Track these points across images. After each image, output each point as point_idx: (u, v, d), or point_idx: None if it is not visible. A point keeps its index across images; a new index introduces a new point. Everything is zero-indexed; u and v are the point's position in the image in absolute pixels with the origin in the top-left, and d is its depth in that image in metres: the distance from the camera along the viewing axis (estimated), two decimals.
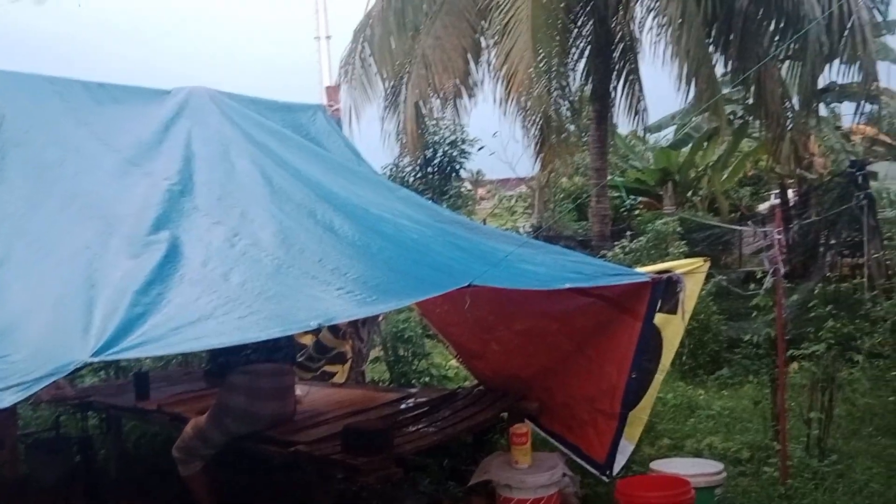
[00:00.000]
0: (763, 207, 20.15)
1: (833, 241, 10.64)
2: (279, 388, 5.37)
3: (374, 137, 13.49)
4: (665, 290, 5.67)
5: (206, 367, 5.60)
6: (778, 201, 16.77)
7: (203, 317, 3.45)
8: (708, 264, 6.04)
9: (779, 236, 5.82)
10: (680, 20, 10.49)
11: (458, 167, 18.30)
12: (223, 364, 5.20)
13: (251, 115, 5.80)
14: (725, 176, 18.40)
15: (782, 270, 5.89)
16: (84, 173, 4.56)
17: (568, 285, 5.14)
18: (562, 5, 11.70)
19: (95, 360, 2.98)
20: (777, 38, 11.34)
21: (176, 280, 3.69)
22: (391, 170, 17.25)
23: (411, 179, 17.65)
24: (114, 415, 6.75)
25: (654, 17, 11.60)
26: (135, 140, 4.91)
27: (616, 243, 11.63)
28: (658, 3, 11.05)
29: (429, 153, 17.26)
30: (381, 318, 8.27)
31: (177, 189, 4.49)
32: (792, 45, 10.84)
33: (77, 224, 4.12)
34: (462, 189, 20.11)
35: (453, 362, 8.71)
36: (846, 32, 10.39)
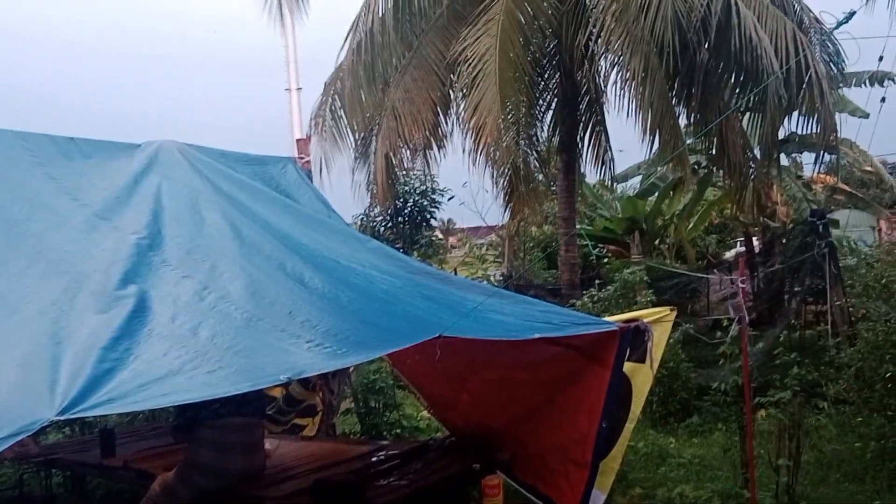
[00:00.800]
0: (729, 255, 20.49)
1: (797, 289, 10.83)
2: (248, 442, 5.31)
3: (345, 188, 13.55)
4: (633, 339, 5.74)
5: (174, 421, 5.53)
6: (743, 249, 17.05)
7: (171, 372, 3.43)
8: (674, 313, 6.13)
9: (743, 285, 5.93)
10: (643, 74, 10.75)
11: (428, 217, 18.42)
12: (191, 418, 5.15)
13: (221, 168, 5.83)
14: (691, 224, 18.70)
15: (747, 318, 5.98)
16: (52, 229, 4.55)
17: (537, 335, 5.19)
18: (528, 59, 11.95)
19: (62, 418, 2.95)
20: (737, 90, 11.64)
21: (144, 335, 3.67)
22: (362, 220, 17.31)
23: (382, 229, 17.72)
24: (79, 472, 6.62)
25: (619, 72, 11.88)
26: (104, 194, 4.92)
27: (585, 292, 11.72)
28: (621, 58, 11.32)
29: (399, 203, 17.36)
30: (351, 370, 8.23)
31: (145, 243, 4.49)
32: (752, 98, 11.14)
33: (44, 281, 4.10)
34: (433, 238, 20.23)
35: (425, 413, 8.67)
36: (804, 85, 10.70)
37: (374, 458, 5.90)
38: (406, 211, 17.83)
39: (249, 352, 3.82)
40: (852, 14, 8.51)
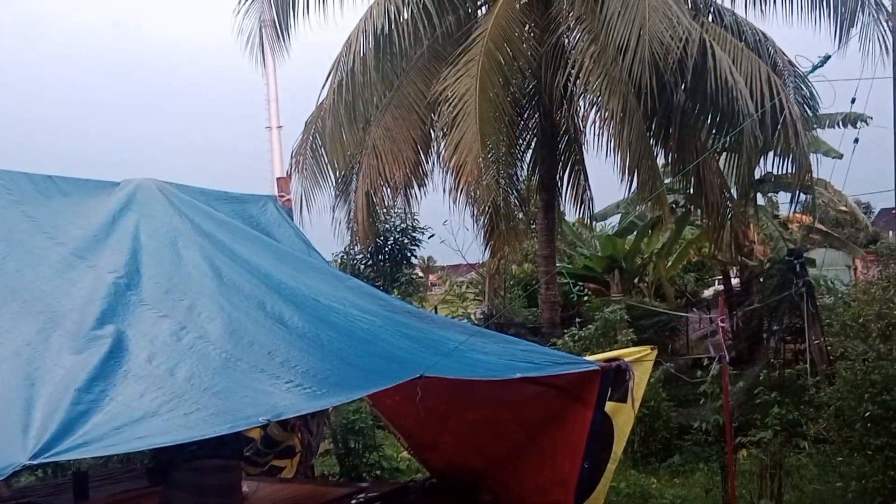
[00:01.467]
0: (708, 293, 20.58)
1: (776, 328, 10.90)
2: (225, 484, 5.20)
3: (326, 226, 13.54)
4: (614, 379, 5.74)
5: (149, 464, 5.41)
6: (721, 287, 17.15)
7: (148, 414, 3.38)
8: (655, 352, 6.14)
9: (723, 324, 5.95)
10: (621, 114, 10.89)
11: (408, 255, 18.42)
12: (167, 461, 5.04)
13: (201, 206, 5.79)
14: (670, 263, 18.81)
15: (727, 357, 6.00)
16: (27, 268, 4.48)
17: (519, 375, 5.16)
18: (508, 99, 12.08)
19: (35, 462, 2.88)
20: (714, 131, 11.83)
21: (120, 376, 3.61)
22: (342, 258, 17.28)
23: (362, 267, 17.70)
24: None
25: (597, 112, 12.03)
26: (81, 233, 4.86)
27: (566, 331, 11.72)
28: (600, 98, 11.47)
29: (380, 241, 17.37)
30: (331, 410, 8.14)
31: (123, 282, 4.44)
32: (728, 139, 11.31)
33: (18, 320, 4.03)
34: (413, 276, 20.21)
35: (405, 454, 8.58)
36: (779, 126, 10.89)
37: (353, 501, 5.81)
38: (386, 249, 17.84)
39: (227, 393, 3.77)
40: (827, 58, 8.72)
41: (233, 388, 3.84)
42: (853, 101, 13.84)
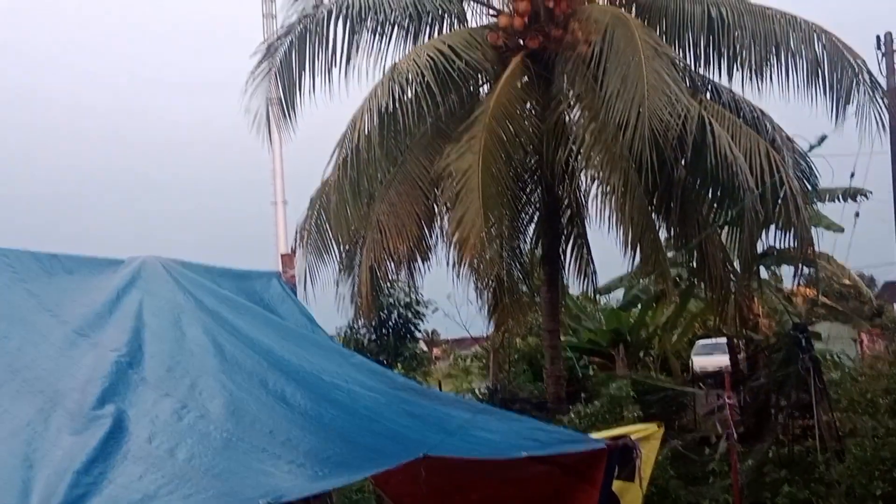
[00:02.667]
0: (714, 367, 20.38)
1: (783, 403, 10.77)
2: None
3: (330, 301, 13.54)
4: (621, 457, 5.65)
5: None
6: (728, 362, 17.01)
7: (147, 497, 3.33)
8: (662, 429, 6.06)
9: (730, 401, 5.89)
10: (623, 189, 11.00)
11: (412, 329, 18.39)
12: None
13: (204, 282, 5.80)
14: (675, 337, 18.72)
15: (735, 434, 5.91)
16: (29, 346, 4.48)
17: (525, 454, 5.10)
18: (511, 174, 12.21)
19: None
20: (715, 205, 11.93)
21: (119, 458, 3.57)
22: (346, 332, 17.23)
23: (366, 342, 17.63)
24: None
25: (599, 186, 12.15)
26: (84, 310, 4.87)
27: (571, 407, 11.59)
28: (601, 174, 11.61)
29: (383, 315, 17.35)
30: (332, 490, 7.98)
31: (125, 361, 4.42)
32: (729, 213, 11.39)
33: (18, 400, 4.01)
34: (417, 350, 20.12)
35: None
36: (779, 201, 10.97)
37: None
38: (390, 323, 17.82)
39: (228, 474, 3.72)
40: (824, 138, 8.87)
41: (233, 469, 3.79)
42: (852, 175, 14.00)
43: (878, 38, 20.38)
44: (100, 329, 4.72)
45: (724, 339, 17.46)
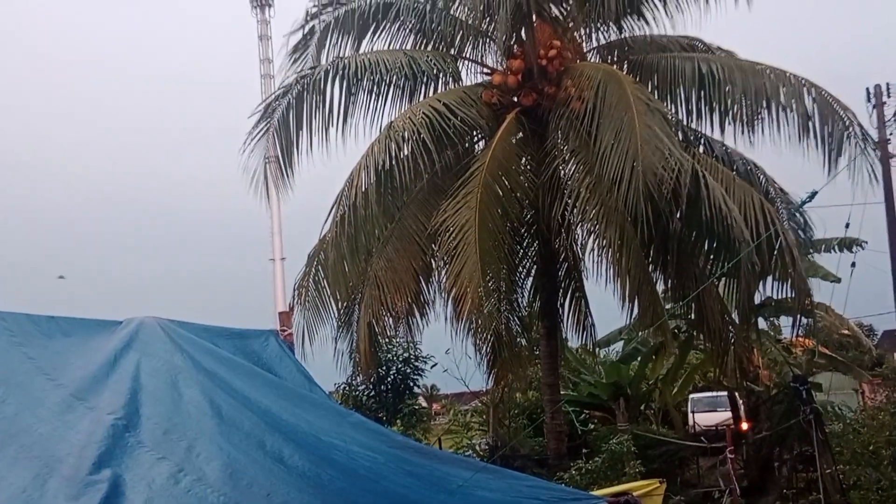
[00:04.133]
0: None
1: (786, 456, 10.67)
2: None
3: (328, 357, 13.48)
4: None
5: None
6: (729, 414, 16.88)
7: None
8: (664, 486, 6.00)
9: (731, 456, 5.84)
10: (619, 242, 11.06)
11: (411, 384, 18.27)
12: None
13: (202, 342, 5.80)
14: (676, 389, 18.60)
15: (738, 489, 5.86)
16: (26, 411, 4.46)
17: None
18: (507, 229, 12.29)
19: None
20: (711, 257, 11.98)
21: None
22: (344, 389, 17.12)
23: (365, 398, 17.50)
24: None
25: (595, 240, 12.21)
26: (81, 374, 4.86)
27: (573, 463, 11.46)
28: (597, 227, 11.68)
29: (382, 371, 17.25)
30: None
31: (121, 424, 4.40)
32: (726, 264, 11.42)
33: (14, 466, 3.98)
34: (416, 406, 19.95)
35: None
36: (775, 252, 11.03)
37: None
38: (389, 379, 17.71)
39: None
40: (814, 194, 9.00)
41: None
42: (847, 225, 14.05)
43: (867, 90, 20.83)
44: (97, 392, 4.71)
45: (724, 393, 17.36)
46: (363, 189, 11.98)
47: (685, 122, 12.72)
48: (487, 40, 13.36)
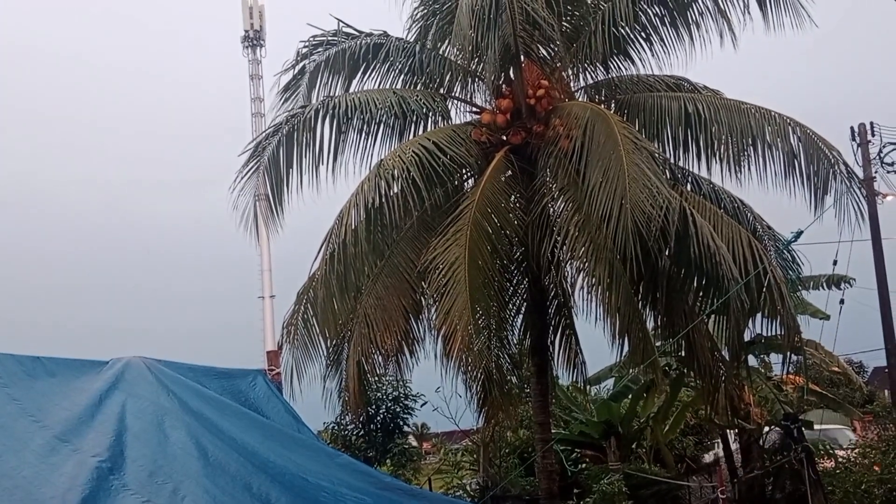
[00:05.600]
0: (708, 457, 20.12)
1: (778, 495, 10.60)
2: None
3: (317, 396, 13.36)
4: None
5: None
6: (721, 451, 16.80)
7: None
8: None
9: (723, 496, 5.80)
10: (608, 280, 11.06)
11: (401, 423, 18.13)
12: None
13: (189, 383, 5.77)
14: (667, 427, 18.49)
15: None
16: (10, 453, 4.40)
17: None
18: (497, 266, 12.29)
19: None
20: (700, 294, 11.99)
21: None
22: (333, 428, 16.96)
23: (354, 438, 17.34)
24: None
25: (584, 278, 12.21)
26: (66, 414, 4.82)
27: None
28: (586, 265, 11.69)
29: (371, 410, 17.11)
30: None
31: (106, 466, 4.35)
32: (716, 302, 11.45)
33: None
34: (406, 445, 19.78)
35: None
36: (764, 290, 11.05)
37: None
38: (378, 418, 17.57)
39: None
40: (800, 233, 9.10)
41: None
42: (835, 263, 14.19)
43: (852, 129, 21.12)
44: (81, 434, 4.66)
45: None
46: (353, 227, 11.98)
47: (672, 161, 12.82)
48: (476, 80, 13.49)
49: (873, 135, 20.95)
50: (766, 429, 13.38)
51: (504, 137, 12.74)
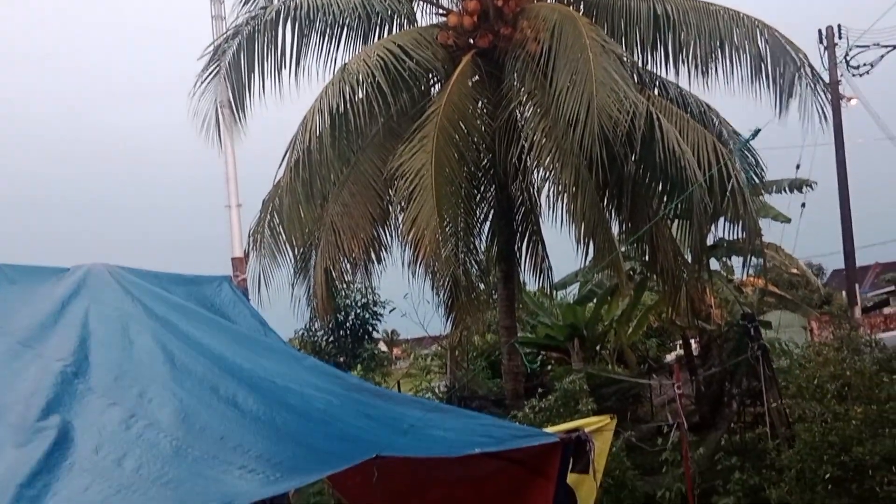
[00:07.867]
0: (669, 358, 20.71)
1: (735, 391, 10.99)
2: None
3: (285, 303, 13.44)
4: (575, 450, 5.71)
5: None
6: (682, 352, 17.29)
7: None
8: (615, 421, 6.14)
9: (680, 391, 5.99)
10: (574, 186, 11.12)
11: (370, 329, 18.37)
12: None
13: (153, 289, 5.72)
14: (631, 329, 18.90)
15: (685, 424, 6.02)
16: None
17: (478, 450, 5.12)
18: (464, 173, 12.26)
19: None
20: (665, 199, 12.10)
21: (65, 469, 3.52)
22: (303, 335, 17.14)
23: (324, 343, 17.56)
24: None
25: (551, 184, 12.26)
26: (28, 321, 4.77)
27: (527, 402, 11.68)
28: (553, 171, 11.71)
29: (340, 317, 17.29)
30: (291, 493, 7.95)
31: (70, 370, 4.35)
32: (679, 206, 11.57)
33: None
34: (375, 351, 20.10)
35: None
36: (727, 193, 11.17)
37: None
38: (347, 324, 17.77)
39: (177, 483, 3.68)
40: (758, 131, 9.16)
41: (183, 477, 3.75)
42: (798, 167, 14.32)
43: (819, 32, 20.97)
44: (44, 339, 4.64)
45: None
46: (317, 133, 11.82)
47: (640, 64, 12.72)
48: None
49: (840, 37, 20.85)
50: (725, 329, 13.76)
51: (471, 41, 12.52)
